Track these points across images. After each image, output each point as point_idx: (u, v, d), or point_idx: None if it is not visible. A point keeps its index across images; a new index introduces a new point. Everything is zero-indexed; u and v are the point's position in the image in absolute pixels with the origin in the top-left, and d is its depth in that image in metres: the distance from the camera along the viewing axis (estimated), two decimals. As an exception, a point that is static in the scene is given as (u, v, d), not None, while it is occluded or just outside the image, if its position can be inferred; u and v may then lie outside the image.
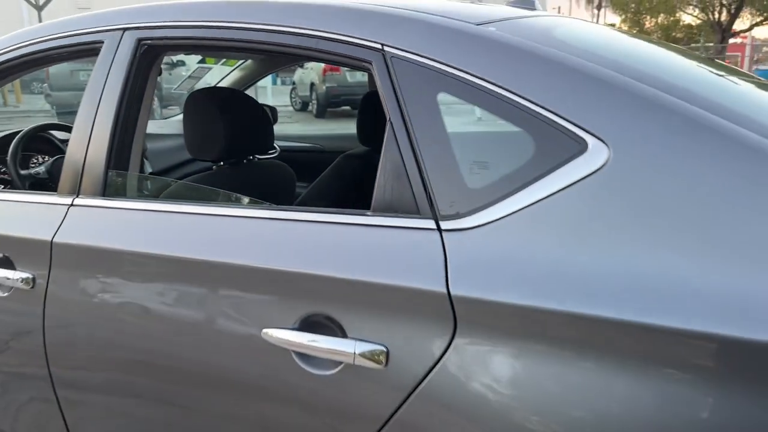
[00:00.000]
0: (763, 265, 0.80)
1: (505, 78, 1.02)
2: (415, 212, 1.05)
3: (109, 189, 1.43)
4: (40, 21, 17.02)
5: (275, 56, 2.40)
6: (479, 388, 0.94)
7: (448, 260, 0.98)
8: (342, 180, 2.05)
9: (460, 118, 1.10)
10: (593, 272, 0.88)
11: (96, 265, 1.36)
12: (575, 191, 0.92)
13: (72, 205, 1.45)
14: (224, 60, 3.10)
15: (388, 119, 1.11)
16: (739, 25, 27.39)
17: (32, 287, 1.46)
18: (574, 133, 0.95)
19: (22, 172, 2.19)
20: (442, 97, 1.08)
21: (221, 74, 2.83)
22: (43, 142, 2.47)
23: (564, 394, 0.88)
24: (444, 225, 1.01)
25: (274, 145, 2.83)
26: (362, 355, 1.01)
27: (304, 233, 1.14)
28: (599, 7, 44.85)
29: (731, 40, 28.70)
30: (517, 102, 1.00)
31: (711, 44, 26.43)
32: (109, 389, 1.38)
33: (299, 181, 2.33)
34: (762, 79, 1.61)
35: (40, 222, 1.48)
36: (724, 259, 0.82)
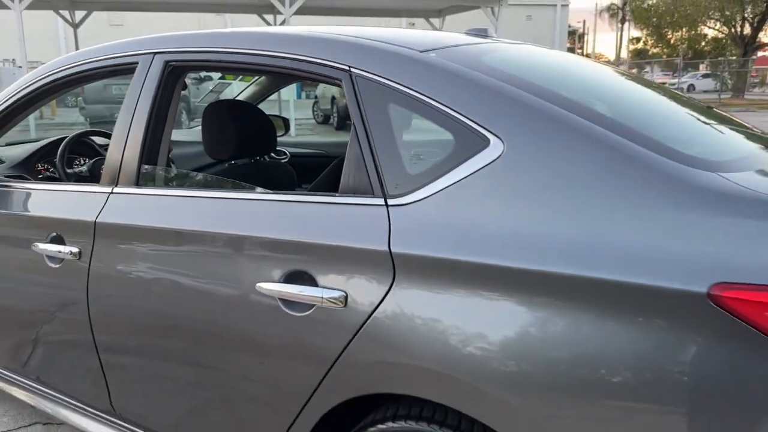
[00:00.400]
0: (607, 224, 1.13)
1: (436, 92, 1.36)
2: (370, 193, 1.39)
3: (141, 180, 1.80)
4: (75, 38, 17.81)
5: (272, 75, 2.75)
6: (411, 321, 1.27)
7: (391, 228, 1.32)
8: (335, 178, 2.40)
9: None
10: (490, 233, 1.21)
11: (130, 239, 1.72)
12: (479, 176, 1.26)
13: (112, 193, 1.82)
14: (241, 77, 3.48)
15: (352, 124, 1.45)
16: (763, 38, 27.27)
17: (79, 258, 1.83)
18: (481, 133, 1.29)
19: (68, 170, 2.59)
20: (392, 107, 1.42)
21: (240, 89, 3.21)
22: (84, 147, 2.87)
23: (473, 319, 1.20)
24: (390, 202, 1.35)
25: (285, 151, 3.20)
26: (328, 299, 1.35)
27: (290, 211, 1.48)
28: (623, 21, 44.97)
29: (760, 53, 28.52)
30: (443, 110, 1.34)
31: (734, 57, 26.35)
32: (143, 341, 1.74)
33: (305, 182, 2.68)
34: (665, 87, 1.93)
35: (86, 207, 1.85)
36: (579, 219, 1.15)
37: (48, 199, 2.05)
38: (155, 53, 1.85)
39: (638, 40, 53.97)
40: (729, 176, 1.16)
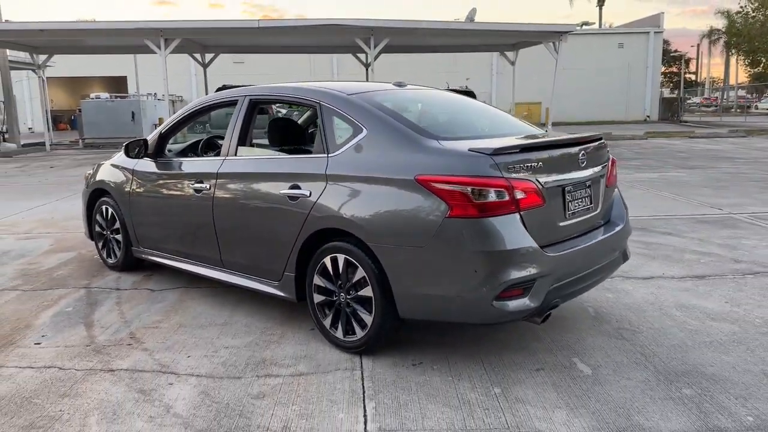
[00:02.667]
0: (393, 157, 3.09)
1: (349, 111, 3.39)
2: (322, 152, 3.43)
3: (238, 153, 3.95)
4: (205, 75, 21.32)
5: (293, 105, 4.82)
6: (332, 199, 3.27)
7: (328, 164, 3.35)
8: None
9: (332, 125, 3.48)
10: (361, 164, 3.21)
11: (232, 178, 3.87)
12: (358, 143, 3.26)
13: (225, 159, 3.99)
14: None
15: (318, 127, 3.51)
16: None
17: (209, 189, 4.00)
18: (360, 127, 3.29)
19: (204, 155, 4.83)
20: (334, 118, 3.46)
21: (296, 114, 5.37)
22: (209, 146, 5.11)
23: (355, 197, 3.19)
24: (329, 155, 3.38)
25: None
26: (304, 194, 3.40)
27: (293, 160, 3.56)
28: (727, 46, 44.13)
29: None
30: (350, 118, 3.36)
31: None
32: (235, 231, 3.86)
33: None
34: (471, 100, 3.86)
35: (213, 166, 4.03)
36: (387, 156, 3.12)
37: (195, 164, 4.27)
38: (245, 95, 4.02)
39: (758, 63, 52.13)
40: (441, 142, 3.08)
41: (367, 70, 18.30)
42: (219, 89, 15.95)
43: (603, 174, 3.55)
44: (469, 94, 17.92)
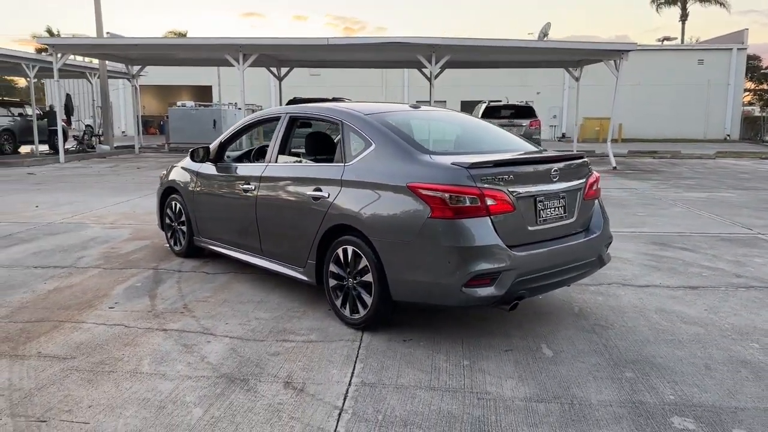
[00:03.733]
0: (391, 167, 3.77)
1: (363, 129, 4.10)
2: (341, 161, 4.16)
3: (278, 160, 4.74)
4: (279, 87, 22.67)
5: (323, 122, 5.58)
6: (346, 200, 3.98)
7: (343, 171, 4.07)
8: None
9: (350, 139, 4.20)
10: (368, 172, 3.90)
11: (273, 180, 4.66)
12: (368, 155, 3.97)
13: (268, 165, 4.80)
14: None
15: (339, 141, 4.25)
16: None
17: (254, 189, 4.81)
18: (370, 141, 3.99)
19: (255, 160, 5.67)
20: (351, 134, 4.18)
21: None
22: (262, 153, 5.94)
23: (363, 200, 3.88)
24: (345, 164, 4.10)
25: None
26: (324, 195, 4.13)
27: (318, 168, 4.31)
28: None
29: None
30: (363, 135, 4.07)
31: None
32: (272, 225, 4.65)
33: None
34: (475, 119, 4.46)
35: (258, 170, 4.85)
36: (388, 166, 3.80)
37: (245, 169, 5.11)
38: (286, 113, 4.82)
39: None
40: (432, 156, 3.73)
41: (430, 84, 19.02)
42: (290, 101, 17.25)
43: (580, 188, 4.08)
44: (528, 109, 18.43)
